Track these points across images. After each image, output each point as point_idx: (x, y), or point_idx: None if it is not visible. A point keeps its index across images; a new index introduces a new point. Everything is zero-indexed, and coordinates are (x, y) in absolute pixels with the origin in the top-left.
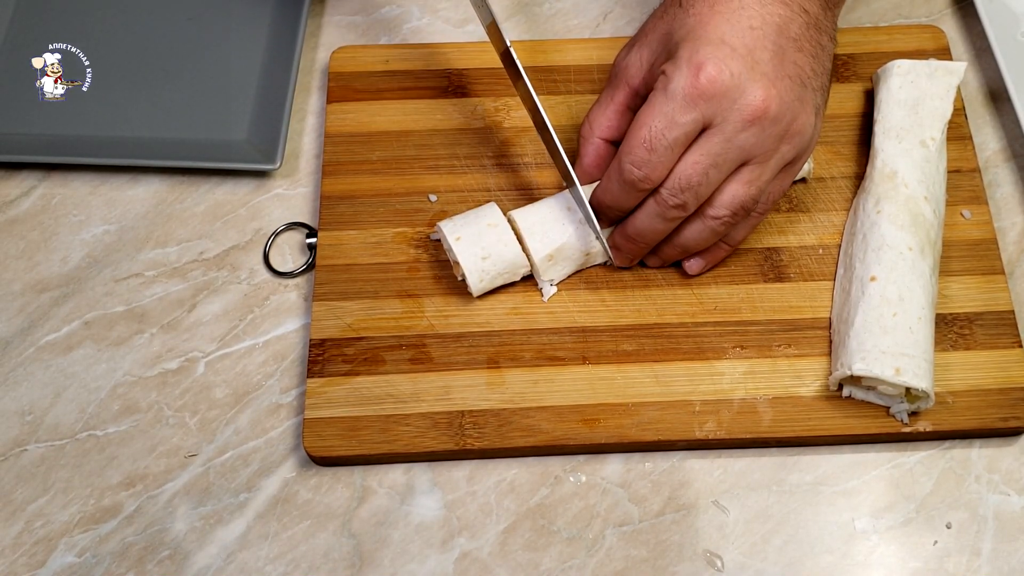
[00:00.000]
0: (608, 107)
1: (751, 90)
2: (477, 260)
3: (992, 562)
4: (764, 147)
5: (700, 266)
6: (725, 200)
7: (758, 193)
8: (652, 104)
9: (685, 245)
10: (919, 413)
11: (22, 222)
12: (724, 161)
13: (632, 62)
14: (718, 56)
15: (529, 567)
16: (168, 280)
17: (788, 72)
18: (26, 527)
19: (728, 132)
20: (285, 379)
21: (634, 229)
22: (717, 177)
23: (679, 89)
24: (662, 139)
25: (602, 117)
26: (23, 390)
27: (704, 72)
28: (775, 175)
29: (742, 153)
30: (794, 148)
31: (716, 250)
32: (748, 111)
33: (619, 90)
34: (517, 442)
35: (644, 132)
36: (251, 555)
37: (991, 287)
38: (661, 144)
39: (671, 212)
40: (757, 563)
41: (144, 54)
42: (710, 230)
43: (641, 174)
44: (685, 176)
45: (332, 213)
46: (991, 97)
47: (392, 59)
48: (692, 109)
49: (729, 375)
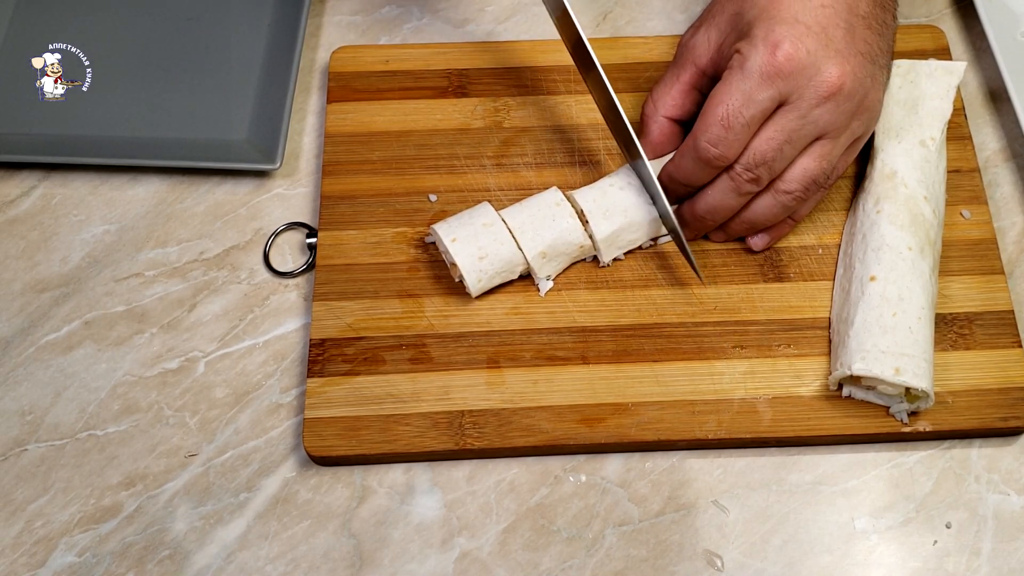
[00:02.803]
0: (673, 86)
1: (826, 67)
2: (474, 260)
3: (992, 562)
4: (837, 123)
5: (765, 242)
6: (796, 175)
7: (829, 168)
8: (728, 82)
9: (754, 220)
10: (919, 413)
11: (22, 222)
12: (799, 137)
13: (699, 42)
14: (793, 34)
15: (529, 567)
16: (168, 280)
17: (860, 49)
18: (26, 527)
19: (804, 108)
20: (285, 379)
21: (706, 205)
22: (791, 153)
23: (756, 67)
24: (739, 117)
25: (667, 96)
26: (23, 390)
27: (781, 50)
28: (844, 149)
29: (816, 129)
30: (863, 124)
31: (782, 226)
32: (824, 88)
33: (685, 70)
34: (517, 442)
35: (721, 110)
36: (251, 555)
37: (991, 287)
38: (738, 122)
39: (745, 187)
40: (757, 563)
41: (144, 54)
42: (781, 205)
43: (717, 152)
44: (760, 152)
45: (332, 213)
46: (991, 97)
47: (392, 59)
48: (769, 87)
49: (729, 375)
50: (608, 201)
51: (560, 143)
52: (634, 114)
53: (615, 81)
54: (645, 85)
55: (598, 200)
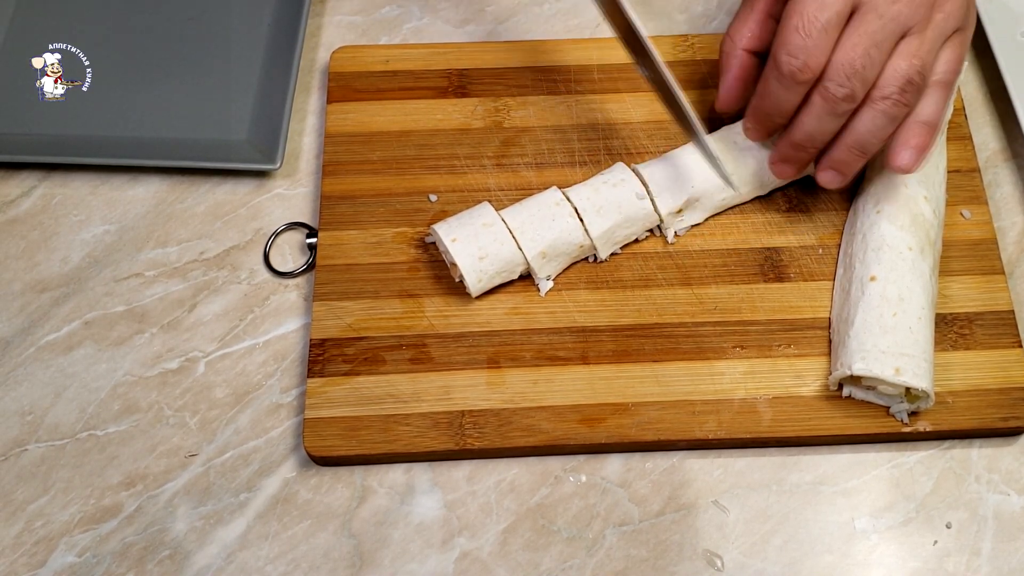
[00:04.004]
0: (749, 18)
1: None
2: (474, 260)
3: (992, 562)
4: (918, 16)
5: (837, 179)
6: (889, 78)
7: (922, 65)
8: None
9: (860, 140)
10: (919, 413)
11: (22, 222)
12: (883, 38)
13: None
14: None
15: (529, 567)
16: (168, 280)
17: None
18: (26, 527)
19: (880, 7)
20: (285, 379)
21: (803, 133)
22: (879, 57)
23: None
24: (816, 22)
25: (744, 28)
26: (23, 390)
27: None
28: (936, 45)
29: (897, 26)
30: (950, 16)
31: (853, 160)
32: None
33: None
34: (517, 442)
35: (796, 19)
36: (251, 555)
37: (991, 287)
38: (815, 27)
39: (841, 105)
40: (757, 563)
41: (144, 54)
42: (883, 114)
43: (800, 62)
44: (848, 60)
45: (332, 213)
46: (991, 97)
47: (392, 59)
48: None
49: (729, 375)
50: (601, 198)
51: (560, 143)
52: (631, 114)
53: (615, 81)
54: (646, 85)
55: (591, 198)
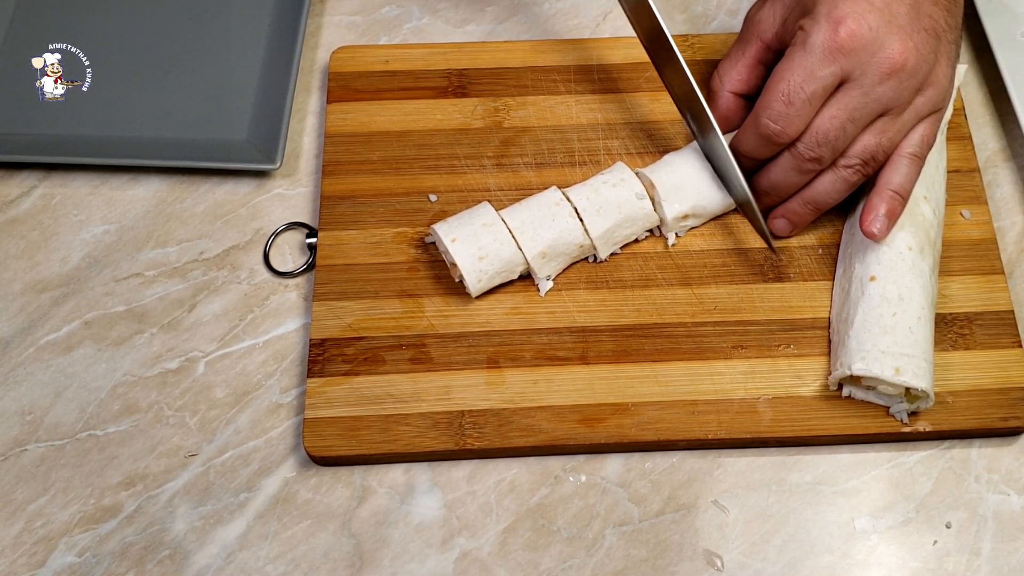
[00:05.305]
0: (739, 61)
1: (889, 43)
2: (474, 260)
3: (992, 562)
4: (900, 99)
5: (787, 228)
6: (857, 150)
7: (889, 144)
8: (790, 58)
9: (815, 198)
10: (919, 413)
11: (22, 222)
12: (861, 115)
13: (765, 17)
14: (857, 11)
15: (529, 567)
16: (168, 280)
17: (924, 25)
18: (26, 527)
19: (866, 86)
20: (285, 379)
21: (768, 182)
22: (854, 131)
23: (818, 43)
24: (800, 93)
25: (732, 71)
26: (23, 390)
27: (844, 26)
28: (909, 127)
29: (879, 106)
30: (929, 101)
31: (804, 213)
32: (886, 64)
33: (751, 44)
34: (517, 442)
35: (783, 86)
36: (251, 555)
37: (991, 287)
38: (799, 98)
39: (807, 165)
40: (757, 563)
41: (144, 54)
42: (843, 180)
43: (778, 128)
44: (823, 130)
45: (332, 213)
46: (991, 97)
47: (392, 59)
48: (831, 63)
49: (729, 375)
50: (601, 198)
51: (560, 143)
52: (631, 114)
53: (614, 81)
54: (645, 85)
55: (591, 198)
